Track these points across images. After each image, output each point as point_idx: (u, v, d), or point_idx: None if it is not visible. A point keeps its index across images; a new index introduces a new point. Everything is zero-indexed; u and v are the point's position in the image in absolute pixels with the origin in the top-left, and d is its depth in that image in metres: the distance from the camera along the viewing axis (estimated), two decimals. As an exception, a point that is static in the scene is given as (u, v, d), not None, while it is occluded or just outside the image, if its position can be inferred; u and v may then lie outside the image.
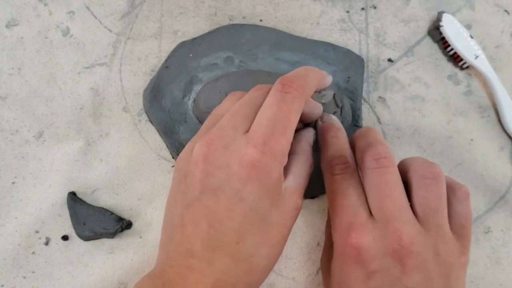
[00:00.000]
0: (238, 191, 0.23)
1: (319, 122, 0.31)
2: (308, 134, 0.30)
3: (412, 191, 0.26)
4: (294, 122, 0.25)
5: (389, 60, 0.39)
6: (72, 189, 0.35)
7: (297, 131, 0.29)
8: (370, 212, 0.26)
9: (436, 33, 0.39)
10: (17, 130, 0.37)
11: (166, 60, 0.38)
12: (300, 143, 0.29)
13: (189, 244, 0.24)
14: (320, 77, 0.29)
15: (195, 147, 0.25)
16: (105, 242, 0.34)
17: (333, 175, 0.27)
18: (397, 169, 0.26)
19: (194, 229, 0.24)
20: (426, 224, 0.25)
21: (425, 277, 0.24)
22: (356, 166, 0.28)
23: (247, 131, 0.25)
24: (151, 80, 0.38)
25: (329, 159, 0.28)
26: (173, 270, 0.24)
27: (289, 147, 0.25)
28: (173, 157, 0.36)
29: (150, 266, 0.32)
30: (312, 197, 0.35)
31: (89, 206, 0.35)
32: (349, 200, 0.26)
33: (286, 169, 0.27)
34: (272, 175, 0.24)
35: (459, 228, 0.26)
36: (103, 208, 0.35)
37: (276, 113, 0.24)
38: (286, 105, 0.25)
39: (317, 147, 0.31)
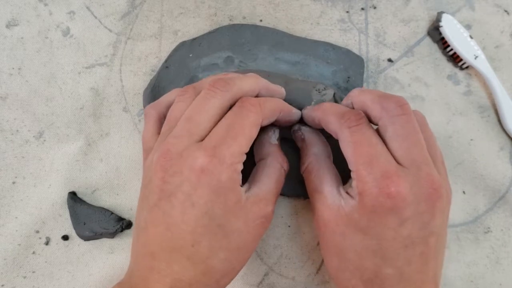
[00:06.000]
0: (190, 196, 0.24)
1: (304, 111, 0.31)
2: (268, 134, 0.30)
3: None
4: (247, 132, 0.26)
5: (389, 60, 0.39)
6: (72, 189, 0.35)
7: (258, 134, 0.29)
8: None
9: (435, 33, 0.39)
10: (17, 130, 0.37)
11: (166, 60, 0.38)
12: (264, 147, 0.29)
13: (151, 246, 0.25)
14: (283, 106, 0.29)
15: (154, 156, 0.26)
16: (105, 242, 0.34)
17: (350, 127, 0.26)
18: None
19: (154, 231, 0.25)
20: (436, 165, 0.26)
21: (443, 219, 0.25)
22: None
23: (202, 138, 0.26)
24: (151, 80, 0.38)
25: (340, 115, 0.27)
26: (138, 273, 0.26)
27: (243, 154, 0.26)
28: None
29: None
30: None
31: (89, 206, 0.35)
32: (376, 149, 0.25)
33: (253, 177, 0.28)
34: (221, 180, 0.24)
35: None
36: (103, 208, 0.35)
37: (230, 122, 0.26)
38: (241, 116, 0.26)
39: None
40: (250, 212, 0.26)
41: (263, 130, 0.30)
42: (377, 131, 0.26)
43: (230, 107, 0.27)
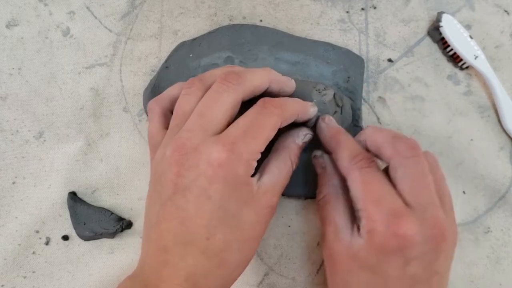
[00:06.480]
0: (205, 190, 0.24)
1: (322, 124, 0.30)
2: (298, 133, 0.30)
3: None
4: (267, 133, 0.26)
5: (389, 60, 0.39)
6: (72, 189, 0.35)
7: (287, 129, 0.30)
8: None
9: (436, 33, 0.39)
10: (17, 130, 0.37)
11: (166, 60, 0.38)
12: (285, 140, 0.29)
13: (164, 241, 0.25)
14: (302, 107, 0.29)
15: (167, 150, 0.26)
16: (105, 242, 0.34)
17: (362, 168, 0.27)
18: None
19: (168, 226, 0.25)
20: (443, 206, 0.26)
21: (447, 259, 0.26)
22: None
23: (217, 133, 0.26)
24: (151, 80, 0.38)
25: (352, 156, 0.28)
26: (150, 268, 0.26)
27: (259, 153, 0.26)
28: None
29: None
30: (312, 197, 0.35)
31: (89, 206, 0.35)
32: (385, 190, 0.26)
33: (264, 167, 0.28)
34: (238, 174, 0.25)
35: None
36: (103, 208, 0.35)
37: (251, 121, 0.26)
38: (263, 117, 0.26)
39: (310, 147, 0.31)
40: (259, 202, 0.26)
41: (297, 125, 0.30)
42: (387, 171, 0.27)
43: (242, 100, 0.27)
